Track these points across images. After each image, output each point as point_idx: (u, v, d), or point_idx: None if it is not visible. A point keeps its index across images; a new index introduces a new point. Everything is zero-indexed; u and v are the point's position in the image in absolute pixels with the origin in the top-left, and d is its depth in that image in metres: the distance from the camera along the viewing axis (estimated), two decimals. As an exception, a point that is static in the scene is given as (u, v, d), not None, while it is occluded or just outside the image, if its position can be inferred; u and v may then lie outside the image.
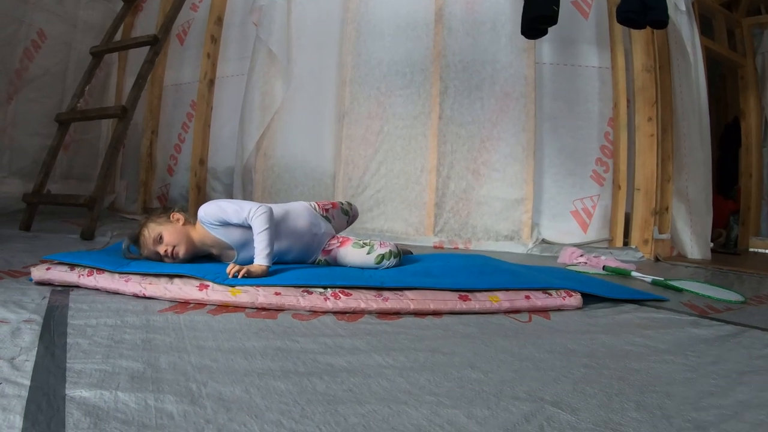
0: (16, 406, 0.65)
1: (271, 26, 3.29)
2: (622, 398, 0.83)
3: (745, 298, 1.72)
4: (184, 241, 1.53)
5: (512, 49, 3.00)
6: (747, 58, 4.12)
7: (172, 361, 0.87)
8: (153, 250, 1.51)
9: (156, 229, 1.52)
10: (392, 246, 1.69)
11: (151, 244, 1.51)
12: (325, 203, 1.85)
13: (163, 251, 1.50)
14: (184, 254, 1.53)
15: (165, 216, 1.57)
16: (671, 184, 2.99)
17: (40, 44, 3.19)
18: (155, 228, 1.52)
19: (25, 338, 0.92)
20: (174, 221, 1.56)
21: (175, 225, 1.55)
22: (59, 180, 3.28)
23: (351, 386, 0.82)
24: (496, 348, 1.09)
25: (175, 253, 1.51)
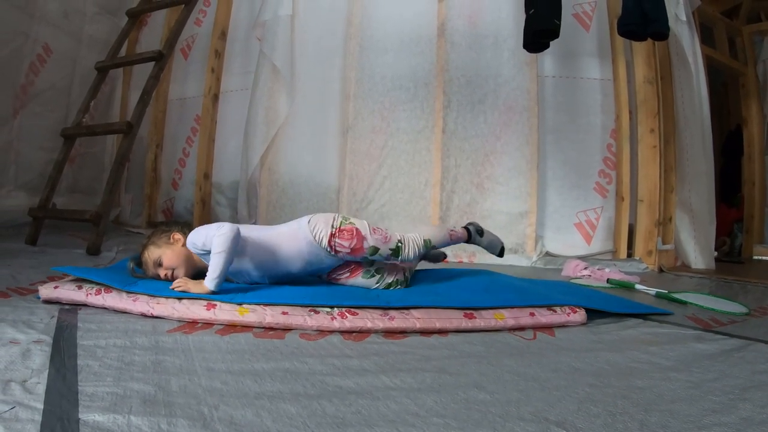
0: (31, 431, 0.66)
1: (274, 41, 3.33)
2: (626, 417, 0.84)
3: (749, 310, 1.72)
4: (183, 263, 1.51)
5: (515, 63, 3.03)
6: (748, 66, 4.14)
7: (182, 384, 0.88)
8: (154, 273, 1.52)
9: (155, 253, 1.51)
10: (401, 274, 1.66)
11: (152, 267, 1.52)
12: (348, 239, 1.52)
13: (162, 275, 1.50)
14: (185, 275, 1.52)
15: (166, 236, 1.54)
16: (674, 194, 3.00)
17: (45, 59, 3.23)
18: (155, 251, 1.51)
19: (36, 360, 0.93)
20: (174, 242, 1.53)
21: (174, 247, 1.52)
22: (65, 194, 3.30)
23: (359, 408, 0.83)
24: (501, 368, 1.09)
25: (175, 276, 1.50)
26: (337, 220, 1.54)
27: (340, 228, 1.52)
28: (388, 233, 1.59)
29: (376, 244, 1.54)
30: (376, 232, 1.56)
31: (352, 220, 1.56)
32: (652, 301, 1.90)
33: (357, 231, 1.53)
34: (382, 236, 1.56)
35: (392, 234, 1.60)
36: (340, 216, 1.57)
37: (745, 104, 4.17)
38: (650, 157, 2.89)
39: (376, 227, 1.59)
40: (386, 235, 1.57)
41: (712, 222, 3.12)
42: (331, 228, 1.52)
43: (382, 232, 1.58)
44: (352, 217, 1.61)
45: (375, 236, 1.55)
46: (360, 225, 1.55)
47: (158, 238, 1.55)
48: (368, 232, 1.54)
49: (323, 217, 1.56)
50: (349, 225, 1.53)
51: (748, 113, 4.15)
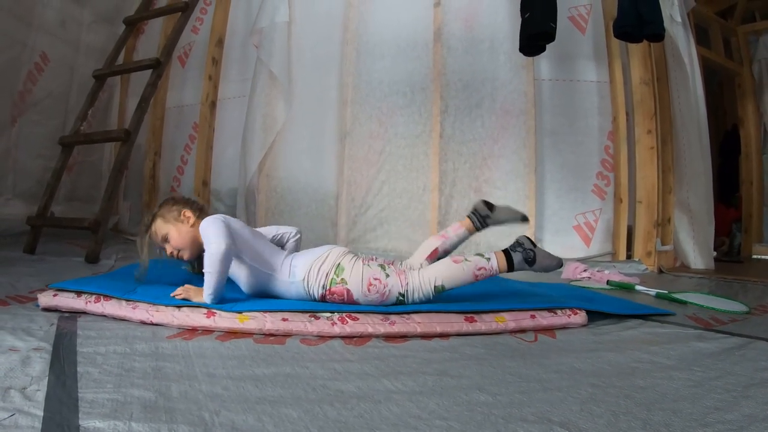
0: (32, 439, 0.66)
1: (271, 48, 3.33)
2: (629, 417, 0.84)
3: (749, 309, 1.72)
4: (189, 245, 1.48)
5: (511, 67, 3.04)
6: (744, 66, 4.17)
7: (183, 390, 0.87)
8: (161, 246, 1.50)
9: (163, 228, 1.48)
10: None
11: (159, 241, 1.49)
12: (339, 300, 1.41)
13: (168, 252, 1.49)
14: (189, 258, 1.50)
15: (177, 212, 1.49)
16: (672, 195, 3.01)
17: (43, 67, 3.24)
18: (163, 226, 1.48)
19: (36, 367, 0.93)
20: (184, 220, 1.49)
21: (182, 227, 1.48)
22: (63, 202, 3.29)
23: (361, 412, 0.82)
24: (503, 370, 1.09)
25: (180, 257, 1.49)
26: (329, 277, 1.40)
27: (331, 290, 1.40)
28: (387, 291, 1.39)
29: (372, 303, 1.40)
30: (371, 292, 1.39)
31: (344, 276, 1.39)
32: (652, 302, 1.90)
33: (348, 293, 1.39)
34: (379, 294, 1.39)
35: (392, 288, 1.40)
36: (335, 267, 1.41)
37: (741, 104, 4.19)
38: (648, 159, 2.90)
39: (373, 282, 1.39)
40: (384, 293, 1.39)
41: (710, 222, 3.12)
42: (322, 289, 1.41)
43: (379, 288, 1.39)
44: (350, 263, 1.42)
45: (368, 298, 1.40)
46: (353, 284, 1.39)
47: (168, 211, 1.50)
48: (361, 293, 1.39)
49: (319, 272, 1.41)
50: (339, 287, 1.39)
51: (745, 113, 4.17)
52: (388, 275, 1.41)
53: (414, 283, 1.41)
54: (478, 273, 1.45)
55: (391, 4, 3.23)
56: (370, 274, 1.40)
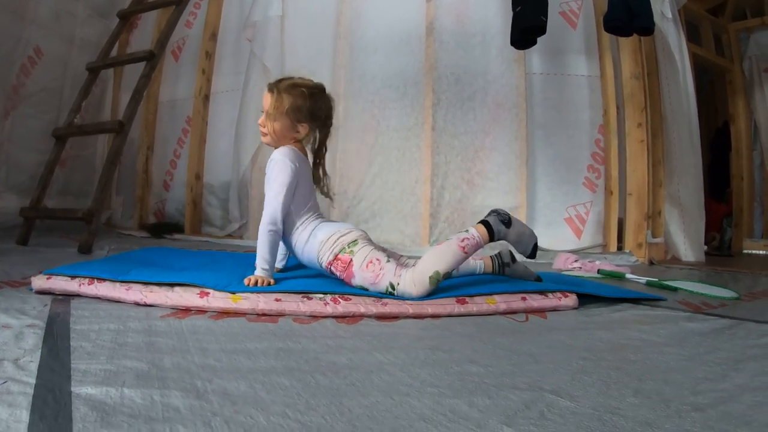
0: (22, 402, 0.66)
1: (264, 42, 3.34)
2: (620, 386, 0.85)
3: (739, 295, 1.74)
4: (276, 140, 1.53)
5: (502, 61, 3.06)
6: (734, 63, 4.21)
7: (176, 361, 0.88)
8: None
9: (275, 108, 1.48)
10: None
11: (264, 105, 1.51)
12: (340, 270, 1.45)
13: (259, 120, 1.54)
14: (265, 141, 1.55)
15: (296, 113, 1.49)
16: (663, 188, 3.04)
17: (36, 61, 3.23)
18: (275, 105, 1.48)
19: (29, 341, 0.93)
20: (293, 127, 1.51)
21: (288, 125, 1.50)
22: (56, 196, 3.28)
23: (354, 381, 0.83)
24: (494, 345, 1.10)
25: (261, 131, 1.54)
26: (341, 247, 1.45)
27: (338, 256, 1.45)
28: (382, 273, 1.39)
29: (363, 284, 1.41)
30: (368, 269, 1.40)
31: (355, 249, 1.43)
32: (643, 289, 1.92)
33: (350, 264, 1.43)
34: (372, 275, 1.40)
35: (386, 273, 1.39)
36: (351, 239, 1.46)
37: (732, 101, 4.23)
38: (638, 151, 2.93)
39: (374, 261, 1.41)
40: (378, 274, 1.40)
41: (701, 215, 3.15)
42: (332, 255, 1.46)
43: (375, 270, 1.40)
44: (364, 242, 1.47)
45: (363, 274, 1.41)
46: (357, 257, 1.42)
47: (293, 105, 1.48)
48: (359, 267, 1.41)
49: (333, 241, 1.46)
50: (345, 255, 1.43)
51: (735, 110, 4.22)
52: (388, 261, 1.43)
53: (406, 278, 1.38)
54: (463, 244, 1.42)
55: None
56: (374, 255, 1.44)
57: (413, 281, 1.37)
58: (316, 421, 0.66)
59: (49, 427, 0.60)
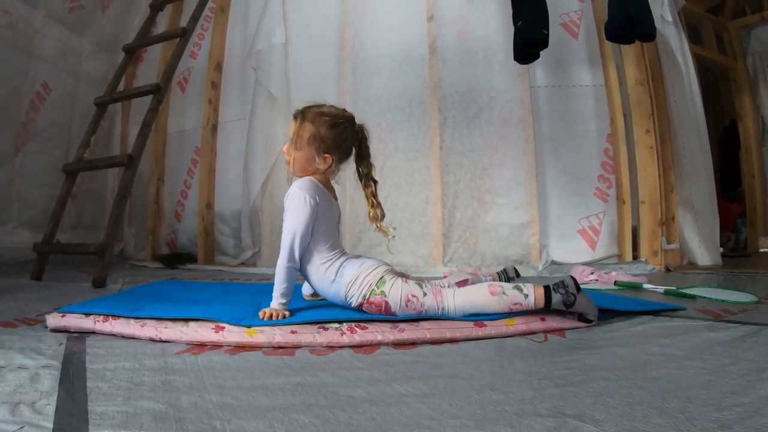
0: (42, 450, 0.66)
1: (269, 70, 3.39)
2: (644, 406, 0.83)
3: (758, 298, 1.70)
4: (300, 170, 1.49)
5: (506, 76, 3.07)
6: (737, 60, 4.19)
7: (193, 401, 0.87)
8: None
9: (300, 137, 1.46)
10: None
11: (289, 133, 1.49)
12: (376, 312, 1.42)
13: (284, 147, 1.52)
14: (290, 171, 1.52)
15: (321, 144, 1.45)
16: (675, 193, 3.00)
17: (45, 96, 3.30)
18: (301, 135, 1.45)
19: (45, 383, 0.92)
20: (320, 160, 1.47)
21: (313, 158, 1.46)
22: (68, 230, 3.32)
23: (374, 415, 0.82)
24: (514, 369, 1.08)
25: (286, 159, 1.52)
26: (370, 288, 1.42)
27: (369, 300, 1.42)
28: (425, 307, 1.38)
29: (407, 313, 1.40)
30: (408, 307, 1.39)
31: (386, 289, 1.40)
32: (661, 299, 1.89)
33: (386, 305, 1.40)
34: (414, 310, 1.39)
35: (429, 308, 1.39)
36: (377, 280, 1.43)
37: (738, 98, 4.20)
38: (648, 158, 2.90)
39: (413, 297, 1.39)
40: (420, 311, 1.39)
41: (715, 218, 3.11)
42: (362, 298, 1.43)
43: (416, 306, 1.39)
44: (391, 278, 1.43)
45: (406, 311, 1.39)
46: (392, 298, 1.39)
47: (316, 135, 1.45)
48: (399, 307, 1.39)
49: (361, 281, 1.43)
50: (378, 298, 1.40)
51: (742, 107, 4.18)
52: (425, 294, 1.40)
53: (449, 304, 1.39)
54: (514, 307, 1.39)
55: (385, 21, 3.28)
56: (409, 290, 1.40)
57: (455, 310, 1.40)
58: (337, 461, 0.65)
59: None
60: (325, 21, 3.41)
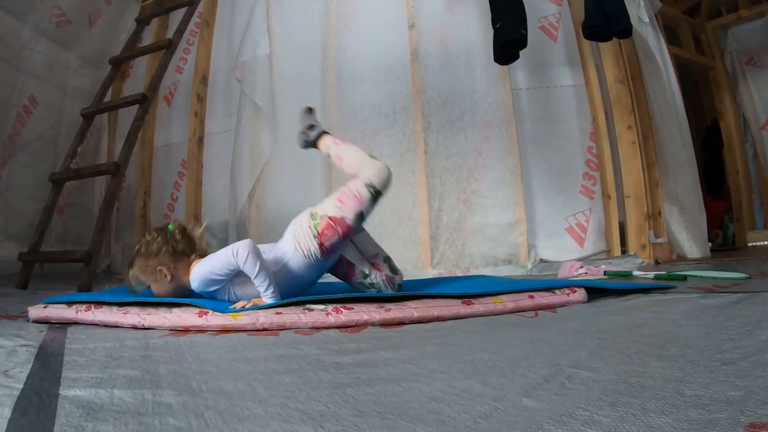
0: (6, 402, 0.63)
1: (254, 81, 3.40)
2: (642, 355, 0.81)
3: (749, 275, 1.70)
4: (172, 293, 1.43)
5: (488, 79, 3.10)
6: (716, 60, 4.28)
7: (171, 369, 0.84)
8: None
9: (143, 281, 1.44)
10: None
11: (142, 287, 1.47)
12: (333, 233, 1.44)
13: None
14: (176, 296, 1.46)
15: (152, 267, 1.41)
16: (660, 188, 3.03)
17: (32, 110, 3.28)
18: (142, 279, 1.43)
19: (21, 357, 0.90)
20: (160, 278, 1.42)
21: (161, 284, 1.43)
22: (54, 244, 3.26)
23: (359, 375, 0.79)
24: (506, 336, 1.06)
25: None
26: (312, 226, 1.44)
27: (321, 232, 1.44)
28: (355, 189, 1.48)
29: (357, 210, 1.47)
30: (345, 201, 1.46)
31: (320, 212, 1.46)
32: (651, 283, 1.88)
33: (333, 219, 1.44)
34: (352, 198, 1.47)
35: (357, 186, 1.49)
36: (309, 218, 1.46)
37: (718, 97, 4.28)
38: (631, 153, 2.93)
39: (341, 194, 1.48)
40: (355, 194, 1.48)
41: (701, 211, 3.13)
42: (315, 239, 1.44)
43: (348, 195, 1.47)
44: (318, 207, 1.48)
45: (348, 206, 1.46)
46: (330, 210, 1.45)
47: (144, 266, 1.43)
48: (338, 209, 1.45)
49: (303, 233, 1.45)
50: (323, 222, 1.44)
51: (723, 105, 4.26)
52: (347, 185, 1.51)
53: (366, 174, 1.52)
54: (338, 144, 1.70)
55: (367, 30, 3.32)
56: (336, 194, 1.50)
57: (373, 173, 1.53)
58: (319, 409, 0.62)
59: (30, 422, 0.56)
60: (308, 32, 3.45)
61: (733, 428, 0.48)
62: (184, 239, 1.49)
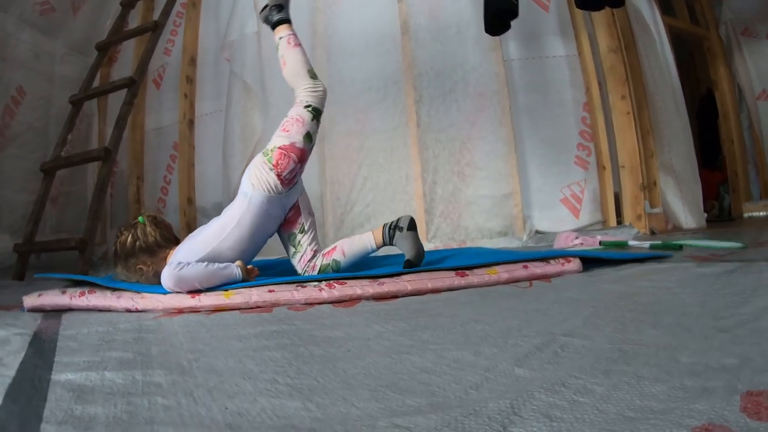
0: (-2, 388, 0.63)
1: (243, 60, 3.34)
2: (637, 323, 0.81)
3: (745, 245, 1.70)
4: (155, 282, 1.38)
5: (479, 50, 3.05)
6: (710, 30, 4.21)
7: (163, 349, 0.84)
8: None
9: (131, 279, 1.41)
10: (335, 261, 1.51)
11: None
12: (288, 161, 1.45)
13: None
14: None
15: (132, 266, 1.39)
16: (655, 158, 3.01)
17: (20, 101, 3.22)
18: (129, 277, 1.41)
19: (15, 345, 0.89)
20: (143, 273, 1.39)
21: (146, 277, 1.39)
22: (49, 234, 3.23)
23: (350, 348, 0.79)
24: (500, 307, 1.06)
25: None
26: (266, 161, 1.45)
27: (276, 163, 1.44)
28: (293, 116, 1.51)
29: (303, 132, 1.49)
30: (288, 128, 1.49)
31: (270, 147, 1.49)
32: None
33: (283, 148, 1.46)
34: (295, 123, 1.49)
35: (296, 111, 1.52)
36: (262, 156, 1.48)
37: (713, 67, 4.22)
38: (625, 124, 2.90)
39: (285, 125, 1.50)
40: (296, 118, 1.50)
41: (696, 181, 3.12)
42: (271, 171, 1.44)
43: (290, 121, 1.50)
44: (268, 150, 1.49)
45: (293, 131, 1.48)
46: (279, 141, 1.48)
47: (126, 268, 1.40)
48: (288, 138, 1.47)
49: (257, 170, 1.46)
50: (276, 153, 1.46)
51: (717, 75, 4.21)
52: (287, 115, 1.53)
53: (302, 95, 1.54)
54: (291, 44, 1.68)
55: (356, 3, 3.25)
56: (279, 127, 1.51)
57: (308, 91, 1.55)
58: (308, 383, 0.62)
59: (21, 408, 0.56)
60: (296, 7, 3.28)
61: (729, 396, 0.47)
62: (158, 229, 1.44)
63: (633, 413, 0.45)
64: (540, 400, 0.50)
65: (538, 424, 0.44)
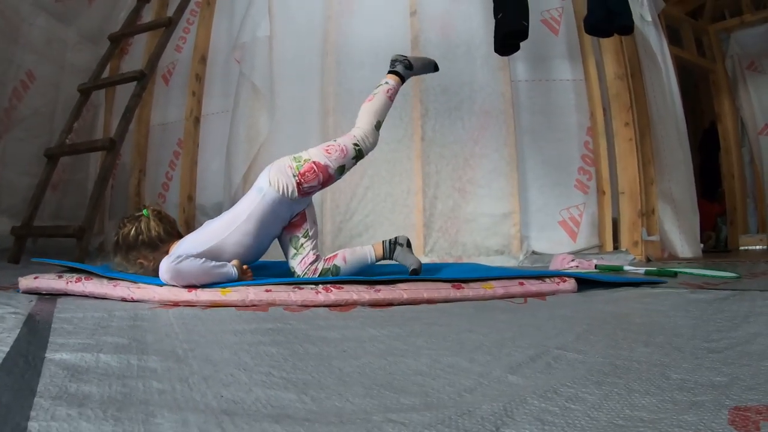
0: (-9, 364, 0.63)
1: (253, 62, 3.37)
2: (629, 341, 0.82)
3: (740, 275, 1.71)
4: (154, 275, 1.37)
5: (488, 70, 3.09)
6: (717, 63, 4.27)
7: (159, 337, 0.84)
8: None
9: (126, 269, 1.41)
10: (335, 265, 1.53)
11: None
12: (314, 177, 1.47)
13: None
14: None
15: (133, 260, 1.38)
16: (655, 186, 3.03)
17: (29, 85, 3.23)
18: (124, 268, 1.40)
19: (9, 323, 0.89)
20: (145, 266, 1.39)
21: (145, 270, 1.39)
22: (48, 221, 3.23)
23: (345, 348, 0.80)
24: (494, 320, 1.07)
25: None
26: (293, 167, 1.48)
27: (303, 172, 1.47)
28: (342, 145, 1.55)
29: (341, 163, 1.53)
30: (332, 153, 1.52)
31: (305, 156, 1.51)
32: (641, 278, 1.89)
33: (317, 164, 1.49)
34: (339, 152, 1.53)
35: (346, 143, 1.56)
36: (291, 159, 1.50)
37: (718, 100, 4.27)
38: (627, 150, 2.93)
39: (329, 146, 1.54)
40: (342, 149, 1.54)
41: (695, 211, 3.14)
42: (294, 178, 1.46)
43: (336, 148, 1.53)
44: (303, 152, 1.53)
45: (333, 156, 1.52)
46: (316, 156, 1.50)
47: (126, 261, 1.39)
48: (324, 157, 1.50)
49: (279, 171, 1.47)
50: (306, 164, 1.48)
51: (721, 108, 4.26)
52: (335, 140, 1.58)
53: (359, 134, 1.61)
54: (389, 94, 1.75)
55: (369, 15, 3.29)
56: (323, 145, 1.56)
57: (365, 136, 1.61)
58: (303, 378, 0.63)
59: (14, 380, 0.56)
60: (309, 15, 3.41)
61: (717, 410, 0.48)
62: (161, 224, 1.43)
63: (623, 422, 0.46)
64: (532, 405, 0.51)
65: (531, 427, 0.45)
